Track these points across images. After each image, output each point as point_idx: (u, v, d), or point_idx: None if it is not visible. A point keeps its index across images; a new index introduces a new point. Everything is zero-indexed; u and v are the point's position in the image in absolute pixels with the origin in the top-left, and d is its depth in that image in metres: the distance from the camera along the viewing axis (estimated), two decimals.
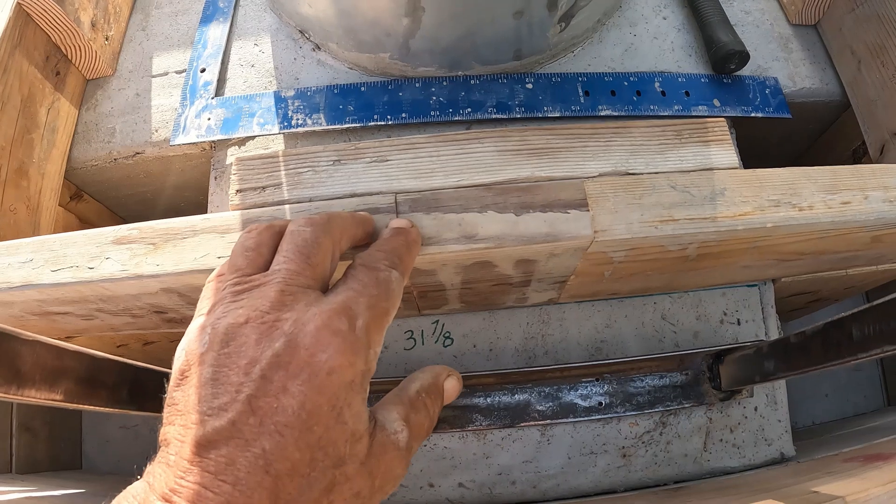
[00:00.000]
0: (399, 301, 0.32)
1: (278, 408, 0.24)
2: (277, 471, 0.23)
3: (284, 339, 0.26)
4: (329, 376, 0.25)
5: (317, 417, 0.25)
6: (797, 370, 0.43)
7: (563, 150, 0.43)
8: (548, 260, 0.43)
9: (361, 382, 0.27)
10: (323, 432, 0.25)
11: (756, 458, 0.53)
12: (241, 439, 0.24)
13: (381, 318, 0.29)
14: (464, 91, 0.57)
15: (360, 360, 0.27)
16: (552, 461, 0.51)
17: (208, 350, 0.26)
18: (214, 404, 0.25)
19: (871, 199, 0.44)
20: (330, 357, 0.26)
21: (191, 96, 0.61)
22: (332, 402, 0.25)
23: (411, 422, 0.30)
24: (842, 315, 0.38)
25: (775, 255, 0.49)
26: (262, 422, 0.24)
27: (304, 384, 0.25)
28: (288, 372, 0.25)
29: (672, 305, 0.54)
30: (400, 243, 0.35)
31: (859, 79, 0.61)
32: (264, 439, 0.24)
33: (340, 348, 0.26)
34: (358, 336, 0.27)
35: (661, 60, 0.61)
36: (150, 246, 0.43)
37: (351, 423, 0.26)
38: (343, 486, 0.25)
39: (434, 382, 0.33)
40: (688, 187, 0.43)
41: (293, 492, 0.24)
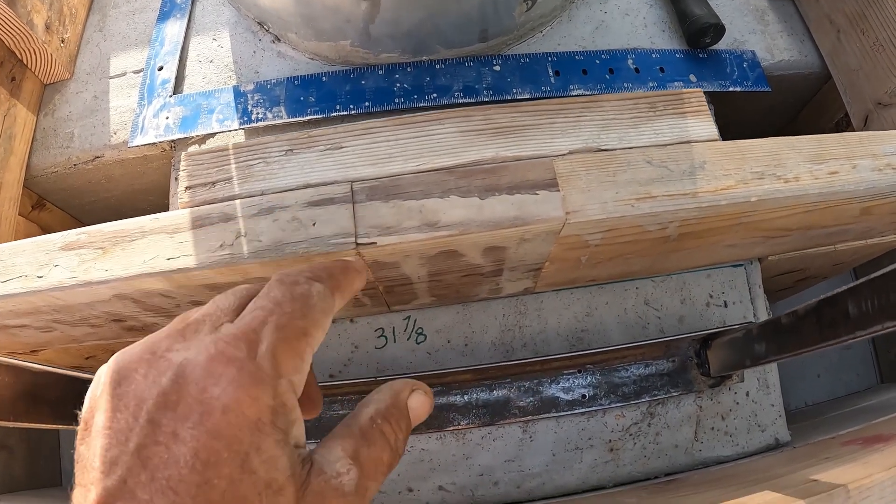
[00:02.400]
0: (327, 323, 0.25)
1: (169, 459, 0.19)
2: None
3: (171, 374, 0.21)
4: (225, 415, 0.20)
5: (215, 468, 0.19)
6: (790, 352, 0.38)
7: (529, 127, 0.39)
8: (518, 246, 0.38)
9: (272, 421, 0.21)
10: (227, 486, 0.19)
11: (750, 446, 0.48)
12: (134, 500, 0.19)
13: (294, 340, 0.23)
14: (429, 76, 0.52)
15: (265, 393, 0.21)
16: (536, 459, 0.46)
17: (102, 393, 0.21)
18: (107, 458, 0.20)
19: (860, 168, 0.40)
20: (223, 392, 0.20)
21: (148, 95, 0.56)
22: (232, 447, 0.20)
23: (362, 458, 0.23)
24: (836, 291, 0.33)
25: (761, 232, 0.44)
26: (154, 477, 0.19)
27: (196, 427, 0.20)
28: (176, 413, 0.20)
29: (655, 290, 0.50)
30: (335, 264, 0.28)
31: (839, 49, 0.56)
32: (158, 498, 0.19)
33: (236, 380, 0.21)
34: (259, 364, 0.21)
35: (633, 37, 0.56)
36: (98, 250, 0.38)
37: (263, 472, 0.20)
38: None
39: (394, 403, 0.25)
40: (665, 162, 0.38)
41: None
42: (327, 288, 0.26)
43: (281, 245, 0.36)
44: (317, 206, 0.37)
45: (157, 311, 0.44)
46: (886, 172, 0.40)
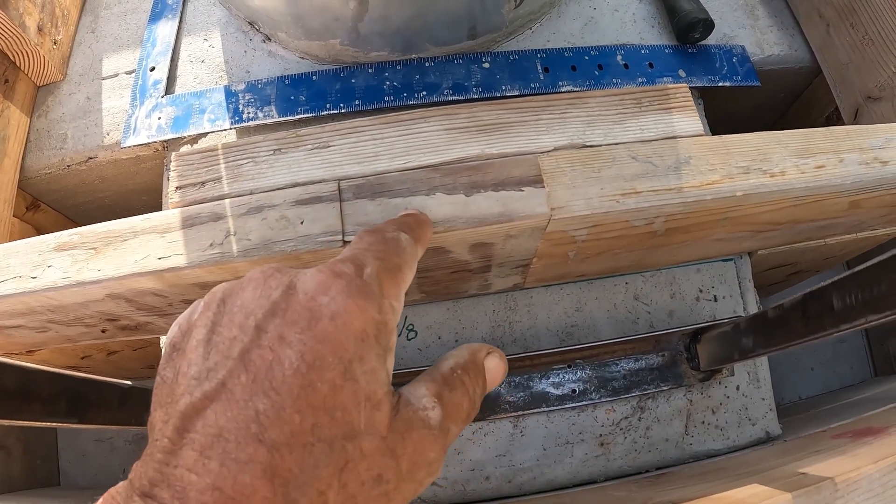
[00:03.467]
0: (414, 266, 0.26)
1: (274, 361, 0.19)
2: (273, 440, 0.18)
3: (283, 288, 0.21)
4: (333, 322, 0.20)
5: (320, 371, 0.19)
6: (777, 346, 0.38)
7: (515, 124, 0.39)
8: (505, 242, 0.38)
9: (376, 335, 0.21)
10: (328, 391, 0.19)
11: (741, 439, 0.48)
12: (231, 401, 0.19)
13: (393, 272, 0.24)
14: (418, 74, 0.52)
15: (372, 307, 0.21)
16: (527, 453, 0.47)
17: (203, 312, 0.22)
18: (204, 367, 0.20)
19: (847, 162, 0.40)
20: (333, 300, 0.21)
21: (141, 96, 0.56)
22: (337, 353, 0.20)
23: (445, 399, 0.23)
24: (821, 284, 0.33)
25: (749, 227, 0.44)
26: (256, 378, 0.19)
27: (304, 332, 0.20)
28: (285, 319, 0.20)
29: (645, 284, 0.50)
30: (407, 219, 0.31)
31: (829, 43, 0.56)
32: (258, 400, 0.19)
33: (345, 290, 0.21)
34: (367, 282, 0.22)
35: (622, 33, 0.56)
36: (91, 251, 0.39)
37: (364, 383, 0.20)
38: (359, 465, 0.20)
39: (472, 359, 0.26)
40: (650, 157, 0.38)
41: (294, 467, 0.18)
42: (412, 237, 0.27)
43: (269, 244, 0.36)
44: (304, 204, 0.37)
45: (150, 309, 0.44)
46: (873, 166, 0.40)
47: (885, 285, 0.29)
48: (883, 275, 0.29)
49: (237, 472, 0.18)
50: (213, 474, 0.18)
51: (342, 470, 0.19)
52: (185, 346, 0.21)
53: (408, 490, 0.21)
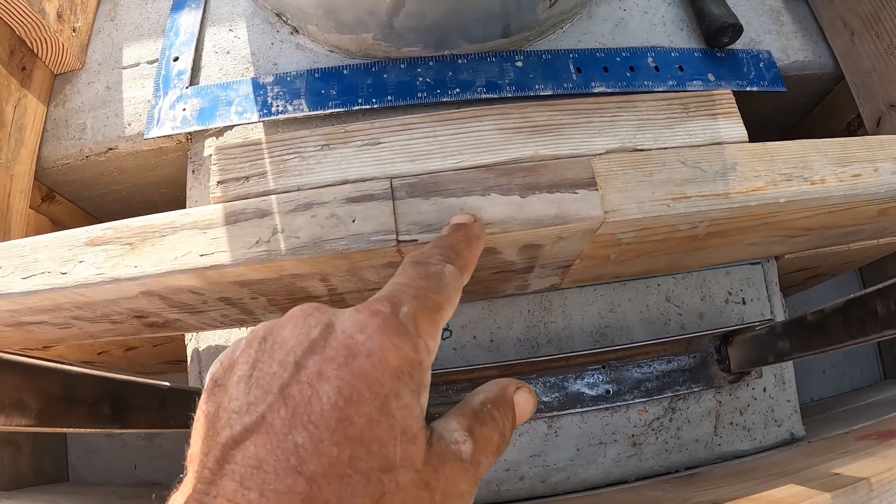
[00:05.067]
0: (456, 299, 0.27)
1: (312, 396, 0.20)
2: (312, 471, 0.19)
3: (322, 326, 0.22)
4: (369, 358, 0.21)
5: (356, 406, 0.20)
6: (815, 349, 0.40)
7: (566, 126, 0.39)
8: (554, 244, 0.39)
9: (410, 373, 0.22)
10: (365, 425, 0.20)
11: (766, 440, 0.50)
12: (271, 434, 0.20)
13: (431, 311, 0.25)
14: (451, 71, 0.53)
15: (407, 345, 0.22)
16: (560, 454, 0.48)
17: (245, 350, 0.23)
18: (245, 401, 0.21)
19: (881, 171, 0.41)
20: (369, 338, 0.22)
21: (164, 87, 0.55)
22: (374, 388, 0.21)
23: (476, 434, 0.24)
24: (864, 292, 0.35)
25: (783, 232, 0.46)
26: (295, 412, 0.20)
27: (341, 368, 0.21)
28: (323, 356, 0.21)
29: (676, 287, 0.51)
30: (458, 238, 0.31)
31: (852, 50, 0.58)
32: (297, 433, 0.20)
33: (381, 328, 0.22)
34: (402, 321, 0.23)
35: (652, 35, 0.57)
36: (126, 246, 0.38)
37: (399, 418, 0.21)
38: (395, 497, 0.20)
39: (501, 394, 0.27)
40: (698, 162, 0.39)
41: (332, 498, 0.19)
42: (457, 268, 0.28)
43: (320, 242, 0.36)
44: (356, 202, 0.37)
45: (183, 307, 0.44)
46: None
47: None
48: None
49: (276, 503, 0.18)
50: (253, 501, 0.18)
51: (378, 501, 0.20)
52: (226, 381, 0.22)
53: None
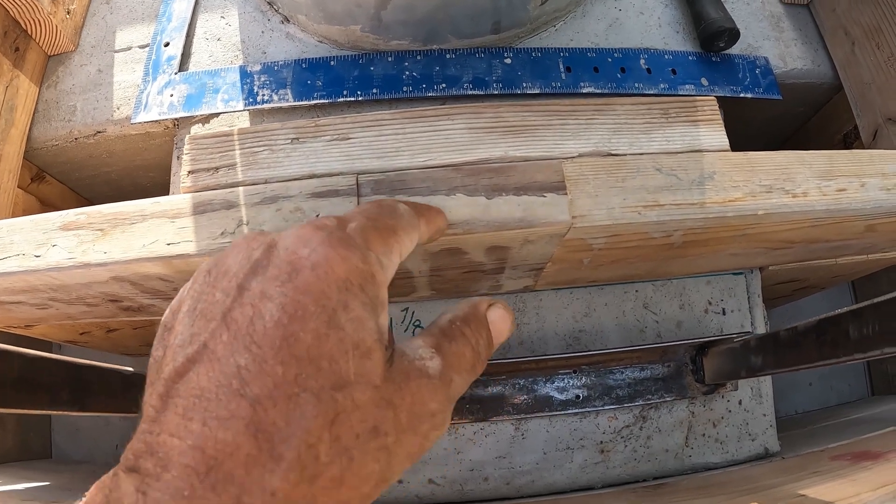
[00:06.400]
0: (412, 235, 0.25)
1: (255, 316, 0.19)
2: (255, 394, 0.17)
3: (264, 247, 0.21)
4: (313, 272, 0.19)
5: (302, 321, 0.19)
6: (787, 367, 0.38)
7: (540, 128, 0.38)
8: (522, 247, 0.38)
9: (360, 284, 0.20)
10: (312, 341, 0.18)
11: (739, 454, 0.48)
12: (213, 360, 0.18)
13: (384, 231, 0.23)
14: (439, 66, 0.51)
15: (354, 256, 0.20)
16: (527, 457, 0.46)
17: (190, 287, 0.21)
18: (188, 334, 0.19)
19: (869, 187, 0.39)
20: (314, 251, 0.20)
21: (153, 72, 0.55)
22: (320, 302, 0.19)
23: (444, 350, 0.22)
24: (838, 312, 0.33)
25: (765, 244, 0.44)
26: (237, 335, 0.18)
27: (284, 284, 0.19)
28: (266, 276, 0.20)
29: (655, 294, 0.49)
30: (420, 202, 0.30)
31: (853, 61, 0.55)
32: (239, 355, 0.18)
33: (326, 241, 0.20)
34: (350, 234, 0.21)
35: (647, 36, 0.55)
36: (97, 232, 0.38)
37: (350, 331, 0.19)
38: (352, 417, 0.18)
39: (472, 311, 0.25)
40: (674, 170, 0.37)
41: (279, 420, 0.17)
42: (411, 210, 0.26)
43: None
44: (321, 197, 0.36)
45: (155, 293, 0.43)
46: (894, 192, 0.39)
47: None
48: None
49: (218, 430, 0.17)
50: (194, 435, 0.17)
51: (333, 422, 0.18)
52: (173, 323, 0.21)
53: (411, 444, 0.20)
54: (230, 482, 0.17)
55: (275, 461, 0.17)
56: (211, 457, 0.17)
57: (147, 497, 0.16)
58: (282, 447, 0.17)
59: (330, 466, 0.18)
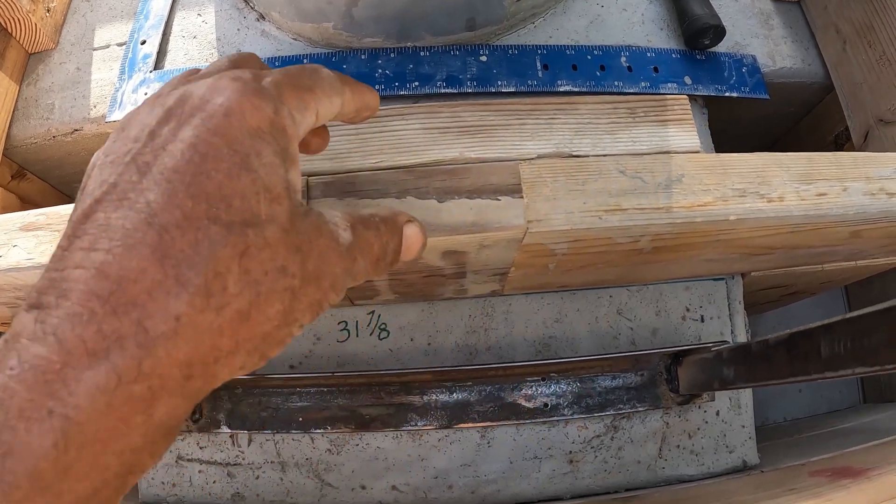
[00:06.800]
0: (333, 99, 0.24)
1: (166, 154, 0.18)
2: (163, 222, 0.17)
3: (176, 96, 0.20)
4: (227, 118, 0.19)
5: (215, 161, 0.18)
6: (758, 381, 0.35)
7: (498, 128, 0.35)
8: (479, 251, 0.35)
9: (273, 134, 0.20)
10: (224, 179, 0.18)
11: (716, 466, 0.45)
12: (122, 198, 0.18)
13: (300, 88, 0.22)
14: (412, 63, 0.49)
15: (267, 106, 0.20)
16: (493, 465, 0.44)
17: (104, 147, 0.21)
18: (98, 181, 0.19)
19: (851, 192, 0.36)
20: (227, 98, 0.19)
21: (129, 70, 0.53)
22: (233, 146, 0.19)
23: (357, 231, 0.22)
24: (810, 326, 0.30)
25: (742, 249, 0.41)
26: (146, 173, 0.18)
27: (197, 127, 0.19)
28: (179, 121, 0.19)
29: (630, 299, 0.47)
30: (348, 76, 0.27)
31: (844, 60, 0.52)
32: (148, 191, 0.18)
33: (240, 90, 0.20)
34: (265, 87, 0.21)
35: (629, 33, 0.52)
36: (56, 233, 0.36)
37: (263, 175, 0.19)
38: (262, 253, 0.18)
39: (392, 217, 0.25)
40: (640, 172, 0.35)
41: (186, 248, 0.17)
42: (338, 79, 0.25)
43: None
44: None
45: None
46: (879, 197, 0.36)
47: (877, 337, 0.26)
48: (877, 326, 0.26)
49: (123, 257, 0.17)
50: (97, 262, 0.17)
51: (243, 255, 0.18)
52: (86, 183, 0.20)
53: (313, 294, 0.20)
54: (132, 306, 0.16)
55: (180, 286, 0.17)
56: (114, 282, 0.16)
57: (45, 325, 0.16)
58: (189, 273, 0.17)
59: (238, 298, 0.18)
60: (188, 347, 0.17)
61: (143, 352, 0.16)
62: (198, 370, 0.17)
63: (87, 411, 0.15)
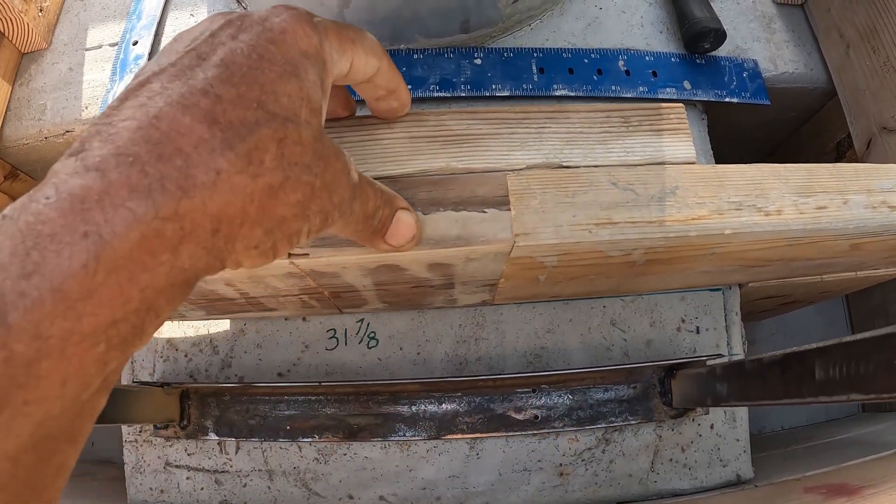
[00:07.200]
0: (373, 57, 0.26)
1: (226, 50, 0.20)
2: (219, 94, 0.18)
3: (237, 13, 0.22)
4: (283, 34, 0.21)
5: (270, 63, 0.20)
6: (751, 400, 0.34)
7: (486, 137, 0.34)
8: (466, 264, 0.34)
9: (316, 59, 0.21)
10: (276, 77, 0.20)
11: (709, 480, 0.44)
12: (180, 71, 0.19)
13: (344, 36, 0.24)
14: (405, 66, 0.48)
15: (316, 36, 0.22)
16: (481, 477, 0.43)
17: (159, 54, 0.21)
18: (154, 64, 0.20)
19: (852, 205, 0.35)
20: (283, 20, 0.21)
21: (121, 71, 0.52)
22: (285, 55, 0.20)
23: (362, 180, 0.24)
24: (805, 348, 0.29)
25: (738, 262, 0.40)
26: (206, 59, 0.19)
27: (257, 35, 0.20)
28: (240, 27, 0.20)
29: (624, 310, 0.45)
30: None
31: (847, 64, 0.50)
32: (207, 70, 0.19)
33: (295, 16, 0.21)
34: (315, 22, 0.22)
35: (628, 36, 0.51)
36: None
37: (308, 86, 0.21)
38: (295, 147, 0.20)
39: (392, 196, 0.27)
40: (632, 184, 0.33)
41: (235, 120, 0.18)
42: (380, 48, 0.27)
43: None
44: None
45: None
46: (880, 210, 0.35)
47: (873, 365, 0.24)
48: (873, 353, 0.24)
49: (176, 113, 0.17)
50: (150, 113, 0.17)
51: (281, 141, 0.19)
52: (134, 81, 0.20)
53: (325, 200, 0.22)
54: (178, 153, 0.17)
55: (225, 146, 0.18)
56: (163, 133, 0.17)
57: (87, 162, 0.16)
58: (234, 139, 0.18)
59: (271, 173, 0.19)
60: (221, 201, 0.18)
61: (183, 194, 0.17)
62: (224, 227, 0.18)
63: (122, 237, 0.16)
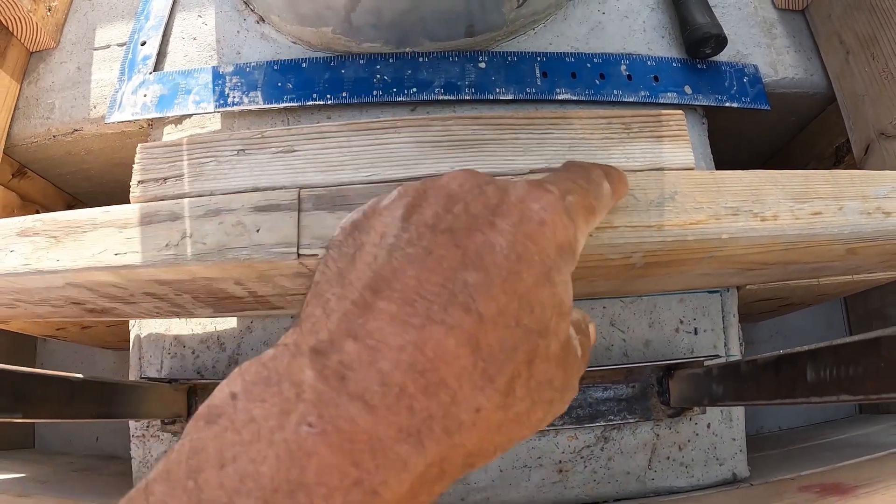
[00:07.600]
0: (604, 214, 0.25)
1: (485, 242, 0.18)
2: (482, 312, 0.17)
3: (494, 185, 0.20)
4: (541, 227, 0.19)
5: (527, 264, 0.18)
6: (746, 400, 0.35)
7: (490, 142, 0.35)
8: None
9: (570, 253, 0.20)
10: (532, 285, 0.18)
11: (705, 479, 0.45)
12: (439, 267, 0.17)
13: (588, 211, 0.22)
14: (410, 69, 0.49)
15: (571, 228, 0.20)
16: (482, 473, 0.44)
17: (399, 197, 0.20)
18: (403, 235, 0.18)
19: (847, 211, 0.36)
20: (543, 208, 0.19)
21: (129, 71, 0.53)
22: (541, 254, 0.19)
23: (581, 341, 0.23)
24: (797, 350, 0.30)
25: (736, 265, 0.41)
26: (465, 252, 0.18)
27: (514, 226, 0.19)
28: (497, 211, 0.19)
29: (623, 311, 0.46)
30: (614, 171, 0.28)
31: (847, 71, 0.51)
32: (467, 271, 0.17)
33: (553, 205, 0.20)
34: (567, 205, 0.21)
35: (630, 41, 0.52)
36: (51, 239, 0.36)
37: (560, 290, 0.19)
38: (542, 365, 0.18)
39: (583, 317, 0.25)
40: (632, 189, 0.34)
41: (495, 345, 0.17)
42: (611, 189, 0.25)
43: (224, 249, 0.33)
44: (262, 211, 0.34)
45: (113, 298, 0.42)
46: (875, 216, 0.36)
47: (862, 367, 0.25)
48: (861, 356, 0.25)
49: (441, 335, 0.16)
50: (415, 331, 0.16)
51: (531, 363, 0.18)
52: (372, 223, 0.19)
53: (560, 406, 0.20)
54: (443, 388, 0.16)
55: (486, 380, 0.17)
56: (428, 359, 0.16)
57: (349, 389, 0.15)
58: (494, 370, 0.17)
59: (521, 402, 0.18)
60: (477, 439, 0.17)
61: (447, 438, 0.16)
62: (476, 460, 0.18)
63: (393, 489, 0.15)
